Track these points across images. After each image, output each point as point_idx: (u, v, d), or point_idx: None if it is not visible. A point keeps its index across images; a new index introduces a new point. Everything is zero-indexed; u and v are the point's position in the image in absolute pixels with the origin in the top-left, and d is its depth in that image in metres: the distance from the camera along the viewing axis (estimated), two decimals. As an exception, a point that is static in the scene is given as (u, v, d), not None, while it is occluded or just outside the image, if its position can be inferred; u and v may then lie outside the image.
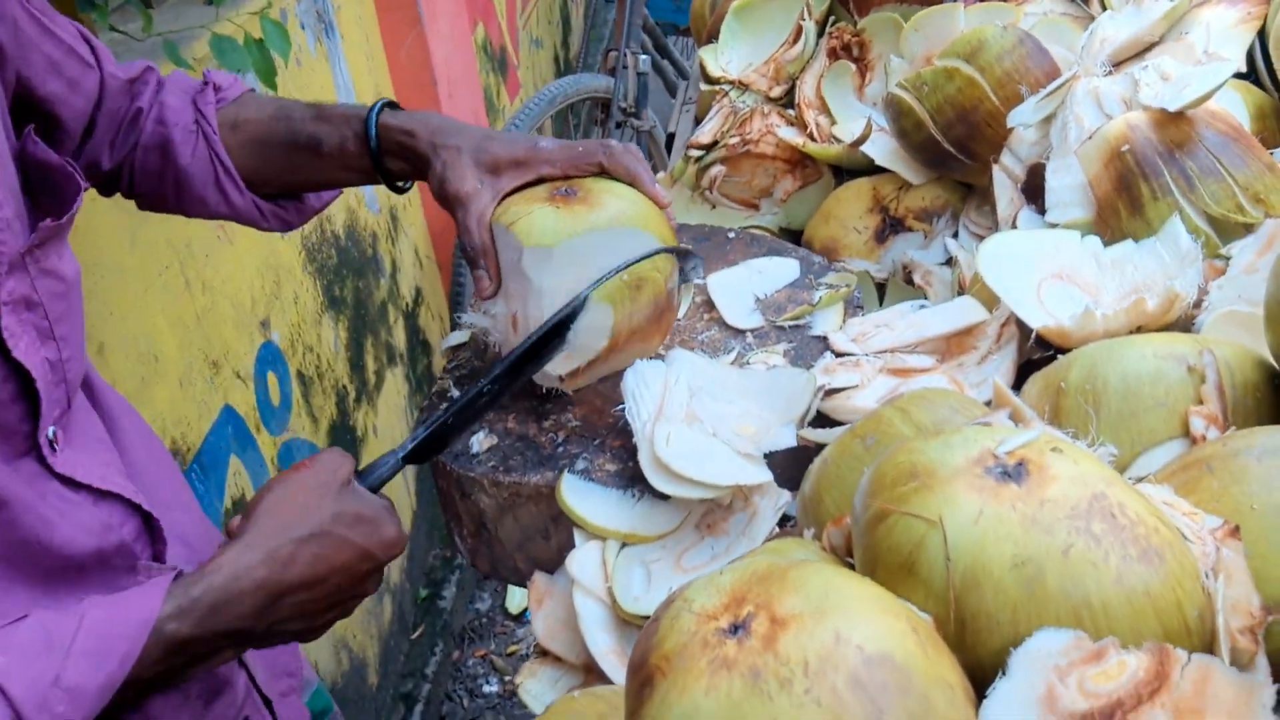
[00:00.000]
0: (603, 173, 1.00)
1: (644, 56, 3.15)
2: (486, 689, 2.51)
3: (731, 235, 1.33)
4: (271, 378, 1.85)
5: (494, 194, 0.95)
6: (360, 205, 2.34)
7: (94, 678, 0.64)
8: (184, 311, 1.56)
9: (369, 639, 2.23)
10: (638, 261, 0.97)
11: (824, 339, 1.09)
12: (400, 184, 1.02)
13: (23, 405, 0.71)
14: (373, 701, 2.23)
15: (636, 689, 0.57)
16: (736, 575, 0.59)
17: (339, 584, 0.77)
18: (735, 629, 0.55)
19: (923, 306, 1.06)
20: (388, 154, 0.97)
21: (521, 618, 2.71)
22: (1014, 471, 0.61)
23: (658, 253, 0.98)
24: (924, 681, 0.53)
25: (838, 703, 0.50)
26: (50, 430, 0.73)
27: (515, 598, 2.74)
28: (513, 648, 2.62)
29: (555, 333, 0.94)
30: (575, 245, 0.98)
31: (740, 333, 1.15)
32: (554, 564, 1.01)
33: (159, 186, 0.96)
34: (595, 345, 1.00)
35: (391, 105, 0.99)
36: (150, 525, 0.82)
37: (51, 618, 0.65)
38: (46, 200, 0.76)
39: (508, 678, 2.53)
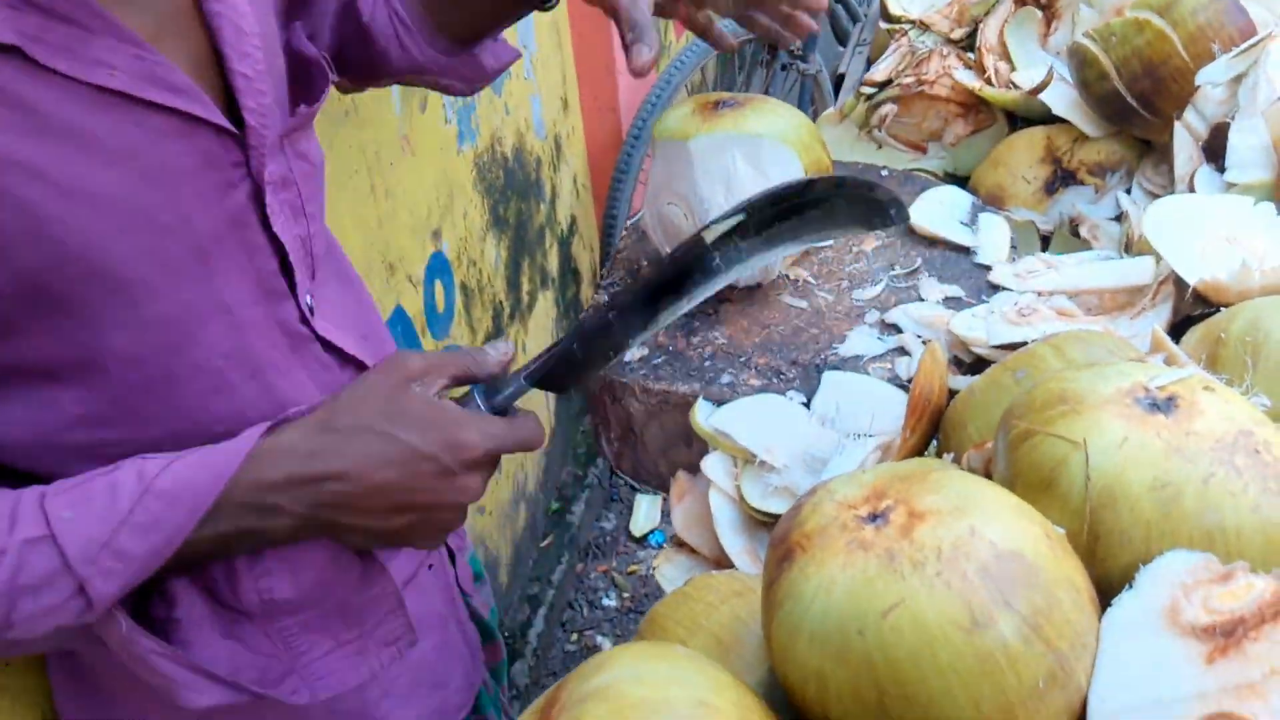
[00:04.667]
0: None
1: (817, 0, 3.12)
2: (605, 602, 2.63)
3: (885, 174, 1.33)
4: (438, 285, 1.97)
5: None
6: (528, 129, 2.42)
7: (143, 545, 0.66)
8: (368, 215, 1.68)
9: (503, 541, 2.37)
10: (788, 190, 0.79)
11: (987, 269, 1.11)
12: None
13: (286, 277, 0.77)
14: (503, 600, 2.38)
15: (776, 561, 0.62)
16: (879, 473, 0.63)
17: (393, 482, 0.70)
18: (874, 518, 0.59)
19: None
20: None
21: (644, 541, 2.81)
22: (1163, 404, 0.62)
23: (807, 184, 0.79)
24: (1051, 580, 0.56)
25: (966, 587, 0.54)
26: (307, 298, 0.79)
27: (639, 521, 2.84)
28: (633, 567, 2.72)
29: (686, 273, 0.78)
30: (710, 141, 1.02)
31: (889, 265, 1.17)
32: (694, 470, 1.07)
33: (350, 51, 0.98)
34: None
35: None
36: None
37: (125, 477, 0.67)
38: (297, 89, 0.81)
39: (626, 594, 2.64)
